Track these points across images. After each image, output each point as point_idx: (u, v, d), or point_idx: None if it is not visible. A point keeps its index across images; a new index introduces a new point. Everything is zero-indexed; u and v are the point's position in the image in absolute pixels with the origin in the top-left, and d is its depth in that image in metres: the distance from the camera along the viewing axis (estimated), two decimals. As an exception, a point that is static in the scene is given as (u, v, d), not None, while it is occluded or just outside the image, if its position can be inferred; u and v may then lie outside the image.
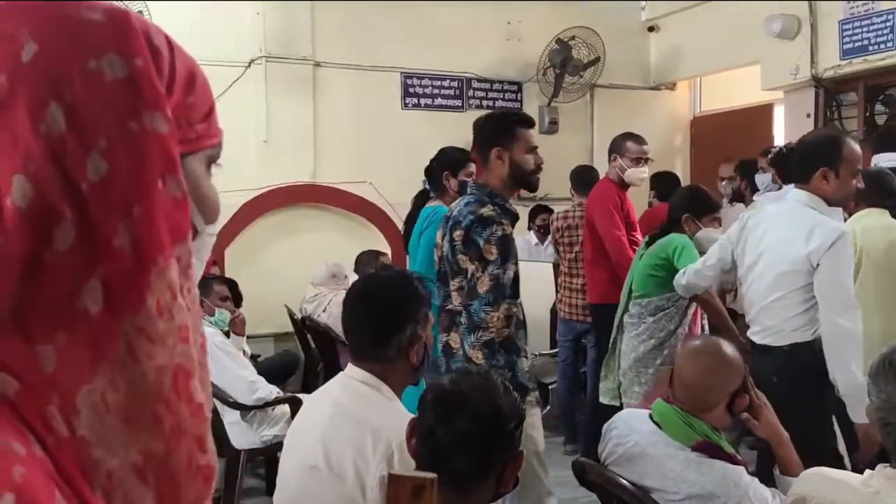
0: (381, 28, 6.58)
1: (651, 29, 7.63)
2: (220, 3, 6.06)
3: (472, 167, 3.87)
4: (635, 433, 2.13)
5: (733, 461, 2.03)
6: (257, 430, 3.70)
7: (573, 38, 6.87)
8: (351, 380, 1.88)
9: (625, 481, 2.09)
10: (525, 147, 2.78)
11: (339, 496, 1.74)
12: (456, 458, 1.40)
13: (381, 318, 1.86)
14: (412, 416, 1.83)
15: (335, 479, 1.75)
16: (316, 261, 5.91)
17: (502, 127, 2.80)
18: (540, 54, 6.92)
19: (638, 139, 4.42)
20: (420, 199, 3.96)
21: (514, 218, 2.82)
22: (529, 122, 2.90)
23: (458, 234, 2.67)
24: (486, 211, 2.66)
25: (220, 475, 3.85)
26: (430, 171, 3.88)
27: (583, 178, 5.22)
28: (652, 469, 2.06)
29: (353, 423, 1.79)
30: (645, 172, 4.43)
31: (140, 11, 5.46)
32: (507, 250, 2.67)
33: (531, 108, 7.25)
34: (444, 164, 3.82)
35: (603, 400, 3.71)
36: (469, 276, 2.64)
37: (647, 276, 3.51)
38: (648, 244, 3.63)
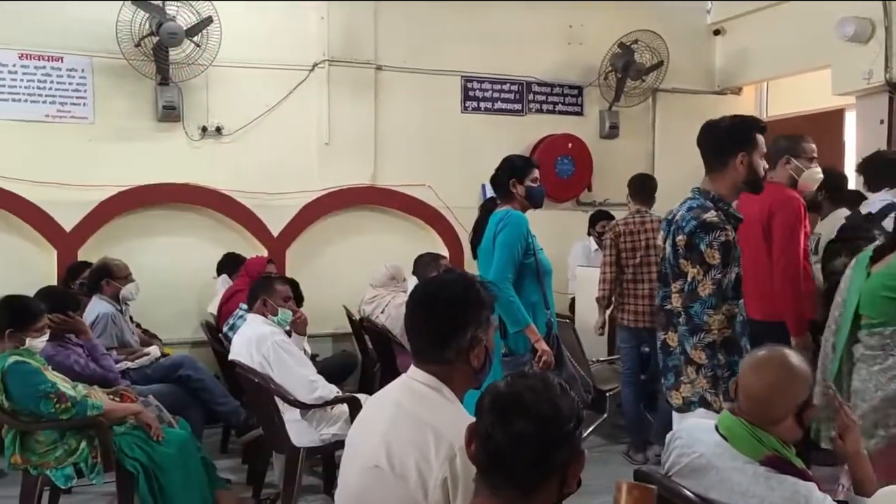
0: (442, 32, 6.60)
1: (717, 32, 7.47)
2: (285, 8, 6.18)
3: (537, 172, 3.88)
4: (700, 444, 2.09)
5: (804, 476, 1.97)
6: (316, 429, 3.75)
7: (636, 41, 6.78)
8: (413, 381, 1.89)
9: (689, 493, 2.05)
10: (761, 152, 2.93)
11: (400, 496, 1.75)
12: (514, 459, 1.39)
13: (441, 321, 1.87)
14: (472, 419, 1.84)
15: (397, 479, 1.75)
16: (374, 262, 5.97)
17: (747, 132, 2.91)
18: (602, 58, 6.85)
19: (807, 137, 3.91)
20: (488, 207, 3.99)
21: (738, 222, 2.92)
22: (765, 129, 3.00)
23: (680, 238, 2.82)
24: (710, 216, 2.78)
25: (279, 472, 3.94)
26: (496, 179, 3.90)
27: (640, 186, 5.10)
28: (718, 482, 2.01)
29: (415, 424, 1.79)
30: (820, 173, 3.87)
31: (209, 17, 5.61)
32: (729, 254, 2.77)
33: (591, 112, 7.20)
34: (510, 172, 3.89)
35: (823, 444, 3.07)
36: (690, 279, 2.79)
37: (883, 300, 2.87)
38: (874, 258, 2.97)
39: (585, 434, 4.63)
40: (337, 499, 1.96)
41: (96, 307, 4.71)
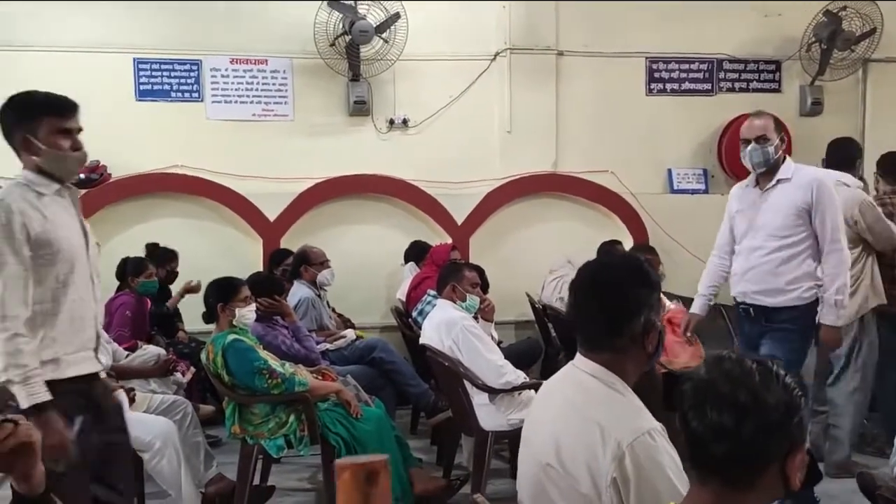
0: (625, 13, 6.41)
1: (940, -8, 6.67)
2: (468, -1, 6.27)
3: None
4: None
5: None
6: (504, 413, 3.78)
7: (844, 8, 6.21)
8: (579, 371, 1.81)
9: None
10: None
11: (575, 496, 1.70)
12: (715, 451, 1.30)
13: (613, 307, 1.77)
14: (644, 408, 1.75)
15: (570, 478, 1.71)
16: (556, 250, 5.94)
17: None
18: (804, 29, 6.34)
19: None
20: None
21: None
22: None
23: None
24: None
25: (468, 454, 4.03)
26: None
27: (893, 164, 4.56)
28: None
29: (582, 419, 1.73)
30: None
31: (397, 13, 5.81)
32: None
33: (790, 88, 6.70)
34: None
35: None
36: None
37: None
38: None
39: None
40: (518, 489, 1.94)
41: (298, 292, 5.05)
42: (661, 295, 1.88)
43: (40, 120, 2.43)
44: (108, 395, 2.59)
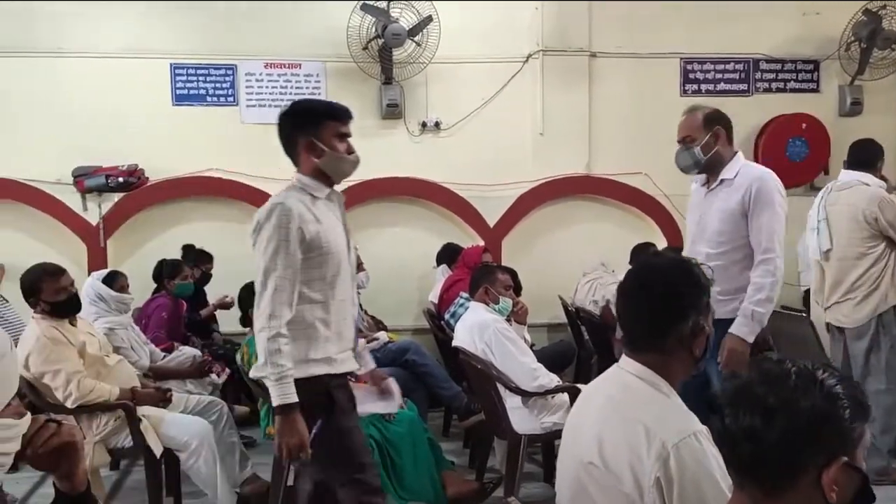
0: (659, 13, 6.36)
1: (985, -11, 6.51)
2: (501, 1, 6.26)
3: None
4: None
5: None
6: (538, 417, 3.76)
7: (884, 6, 6.09)
8: (624, 372, 1.80)
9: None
10: None
11: (617, 496, 1.69)
12: (749, 454, 1.27)
13: (660, 308, 1.75)
14: (689, 412, 1.72)
15: (612, 477, 1.69)
16: (589, 253, 5.91)
17: None
18: (843, 28, 6.22)
19: None
20: None
21: None
22: None
23: None
24: None
25: (501, 457, 4.02)
26: None
27: None
28: None
29: (626, 419, 1.71)
30: None
31: (429, 16, 5.83)
32: None
33: (829, 88, 6.58)
34: None
35: None
36: None
37: None
38: None
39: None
40: (557, 489, 1.94)
41: (332, 294, 5.07)
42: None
43: (324, 124, 2.57)
44: (351, 395, 2.65)
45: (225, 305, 5.50)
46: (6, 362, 1.38)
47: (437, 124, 6.27)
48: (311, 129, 2.57)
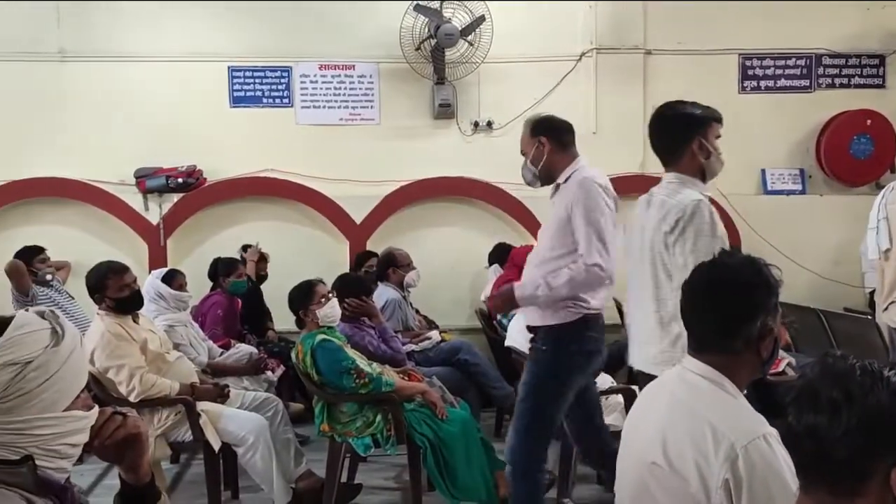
0: (717, 9, 6.23)
1: None
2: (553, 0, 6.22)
3: None
4: None
5: None
6: (591, 419, 3.73)
7: (956, -3, 5.86)
8: (688, 372, 1.77)
9: None
10: None
11: (682, 496, 1.66)
12: (813, 454, 1.23)
13: (728, 309, 1.72)
14: (758, 413, 1.68)
15: (677, 477, 1.66)
16: (644, 253, 5.81)
17: None
18: (911, 20, 6.02)
19: None
20: None
21: None
22: None
23: None
24: None
25: (554, 459, 3.99)
26: None
27: None
28: None
29: (691, 418, 1.68)
30: None
31: (482, 15, 5.82)
32: None
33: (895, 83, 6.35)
34: None
35: None
36: None
37: None
38: None
39: None
40: (617, 490, 1.92)
41: (384, 293, 5.12)
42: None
43: (710, 126, 2.73)
44: None
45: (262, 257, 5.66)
46: (77, 355, 1.41)
47: (489, 124, 6.26)
48: (700, 129, 2.69)
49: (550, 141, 3.14)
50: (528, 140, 3.18)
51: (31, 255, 5.22)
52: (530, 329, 3.17)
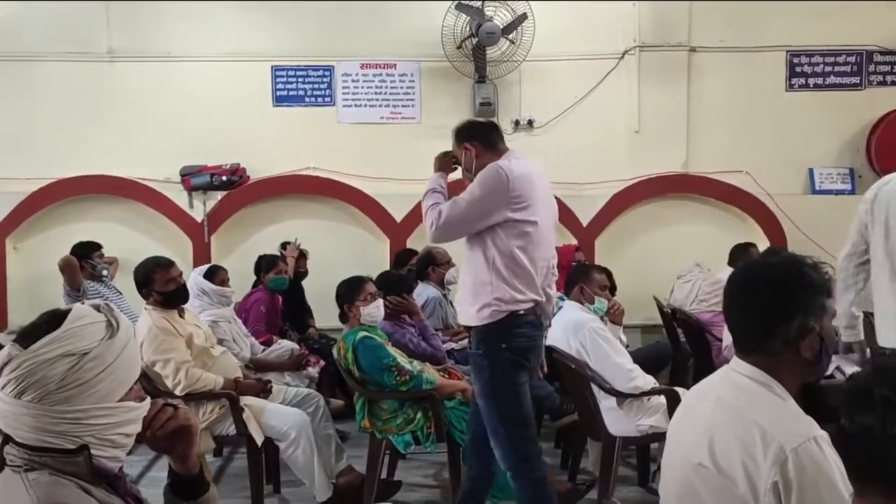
0: (763, 6, 6.12)
1: None
2: (596, -2, 6.17)
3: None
4: None
5: None
6: (633, 419, 3.68)
7: None
8: (735, 373, 1.74)
9: None
10: None
11: (729, 497, 1.63)
12: (866, 454, 1.19)
13: (762, 309, 1.68)
14: (807, 415, 1.64)
15: (724, 479, 1.64)
16: (687, 254, 5.74)
17: None
18: (967, 15, 5.84)
19: None
20: None
21: None
22: None
23: None
24: None
25: (594, 459, 3.96)
26: None
27: None
28: None
29: (739, 421, 1.65)
30: None
31: (524, 13, 5.80)
32: None
33: (951, 80, 6.17)
34: None
35: None
36: None
37: None
38: None
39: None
40: (661, 492, 1.90)
41: (424, 291, 5.13)
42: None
43: None
44: None
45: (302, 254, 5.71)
46: (131, 347, 1.45)
47: (530, 122, 6.23)
48: None
49: (476, 144, 3.16)
50: (457, 149, 3.22)
51: (88, 251, 5.38)
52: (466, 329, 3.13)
